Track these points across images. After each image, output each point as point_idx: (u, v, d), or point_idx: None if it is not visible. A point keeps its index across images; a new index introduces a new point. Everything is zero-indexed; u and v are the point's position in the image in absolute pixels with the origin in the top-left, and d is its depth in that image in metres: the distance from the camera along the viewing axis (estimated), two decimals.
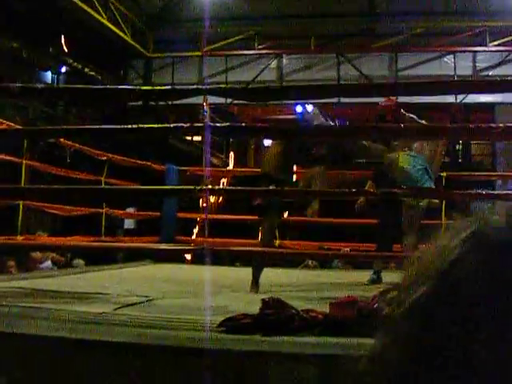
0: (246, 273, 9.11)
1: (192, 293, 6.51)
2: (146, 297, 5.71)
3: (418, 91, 5.90)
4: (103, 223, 10.96)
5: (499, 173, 16.12)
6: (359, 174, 11.36)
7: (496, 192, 4.65)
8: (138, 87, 8.75)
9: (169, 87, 4.69)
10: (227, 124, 4.46)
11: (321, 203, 8.10)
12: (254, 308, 4.29)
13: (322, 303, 5.55)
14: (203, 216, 17.04)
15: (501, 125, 4.37)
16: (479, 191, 5.06)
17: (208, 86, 4.63)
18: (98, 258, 11.56)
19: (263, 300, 3.94)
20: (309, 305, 4.54)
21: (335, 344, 3.60)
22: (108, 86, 6.15)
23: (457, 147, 24.22)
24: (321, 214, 7.82)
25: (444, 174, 11.04)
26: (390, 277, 8.48)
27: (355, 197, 8.04)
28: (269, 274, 9.37)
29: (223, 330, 3.77)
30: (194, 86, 5.13)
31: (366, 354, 0.91)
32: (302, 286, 7.86)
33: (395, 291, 2.96)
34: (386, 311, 2.90)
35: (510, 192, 5.01)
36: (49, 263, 11.26)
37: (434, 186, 7.23)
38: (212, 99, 16.78)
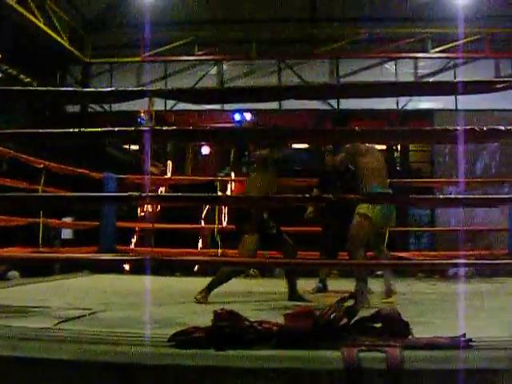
0: (186, 283, 8.91)
1: (135, 304, 6.28)
2: (88, 310, 5.45)
3: (358, 94, 5.72)
4: (40, 233, 10.61)
5: (439, 179, 16.20)
6: (303, 182, 11.23)
7: (453, 196, 4.51)
8: (78, 89, 8.45)
9: (111, 89, 4.45)
10: (172, 128, 4.22)
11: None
12: (203, 320, 4.08)
13: (274, 314, 5.39)
14: (141, 225, 16.88)
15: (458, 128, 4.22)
16: (434, 196, 4.93)
17: (152, 89, 4.39)
18: (34, 270, 11.19)
19: (215, 312, 3.72)
20: (261, 316, 4.32)
21: (292, 357, 3.42)
22: (49, 88, 5.80)
23: (395, 155, 24.38)
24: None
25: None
26: (335, 284, 8.39)
27: (305, 203, 7.94)
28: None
29: (174, 344, 3.54)
30: (139, 88, 4.88)
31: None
32: (249, 295, 7.66)
33: (351, 300, 2.74)
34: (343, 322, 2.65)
35: (463, 196, 4.87)
36: None
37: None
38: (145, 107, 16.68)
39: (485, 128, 4.17)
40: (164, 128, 4.28)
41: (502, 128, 4.19)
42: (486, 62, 15.75)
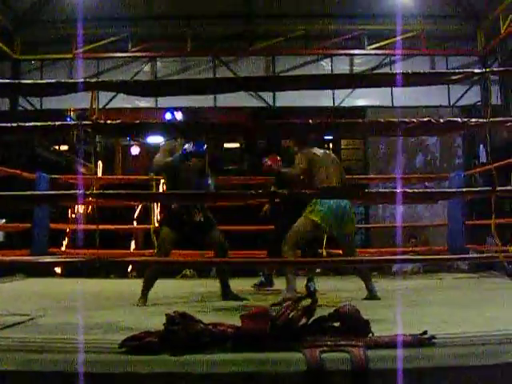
0: (123, 285, 8.67)
1: (75, 308, 6.03)
2: (26, 315, 5.17)
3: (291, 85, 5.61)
4: None
5: (375, 176, 16.29)
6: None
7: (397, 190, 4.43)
8: (19, 81, 8.11)
9: (53, 80, 4.20)
10: (118, 121, 4.00)
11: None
12: (149, 323, 3.92)
13: (222, 315, 5.23)
14: (71, 226, 16.55)
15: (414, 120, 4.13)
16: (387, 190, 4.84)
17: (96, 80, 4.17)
18: None
19: (168, 315, 3.54)
20: (209, 318, 4.15)
21: (250, 360, 3.28)
22: None
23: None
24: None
25: None
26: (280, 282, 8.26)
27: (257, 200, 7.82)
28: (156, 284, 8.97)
29: (125, 350, 3.33)
30: (81, 80, 4.64)
31: None
32: (191, 296, 7.45)
33: (308, 300, 2.55)
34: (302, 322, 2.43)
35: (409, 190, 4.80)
36: None
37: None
38: (77, 105, 16.35)
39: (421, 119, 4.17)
40: (107, 122, 4.08)
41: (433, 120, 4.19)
42: (421, 58, 15.88)
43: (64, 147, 22.32)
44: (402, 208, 15.65)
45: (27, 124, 4.12)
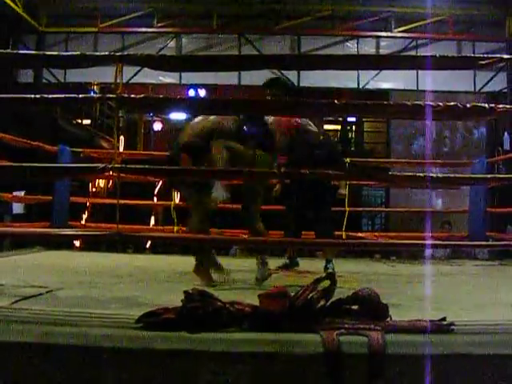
0: (141, 260, 8.68)
1: (94, 282, 6.05)
2: (45, 288, 5.19)
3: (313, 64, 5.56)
4: None
5: (399, 160, 16.24)
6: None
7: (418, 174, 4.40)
8: (42, 52, 8.09)
9: (79, 53, 4.19)
10: (142, 96, 3.98)
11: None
12: (167, 299, 3.90)
13: (242, 293, 5.22)
14: (92, 200, 16.64)
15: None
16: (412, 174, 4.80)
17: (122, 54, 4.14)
18: None
19: (186, 292, 3.52)
20: (228, 296, 4.13)
21: (267, 340, 3.27)
22: (11, 51, 5.59)
23: (350, 135, 24.40)
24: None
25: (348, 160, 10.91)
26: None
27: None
28: (170, 261, 8.99)
29: (142, 326, 3.32)
30: (107, 53, 4.60)
31: None
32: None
33: (327, 281, 2.49)
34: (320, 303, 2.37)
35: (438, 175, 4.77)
36: None
37: None
38: (101, 79, 16.34)
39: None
40: (132, 96, 4.07)
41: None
42: (447, 43, 15.65)
43: (86, 121, 22.40)
44: (422, 193, 15.61)
45: (51, 96, 4.11)
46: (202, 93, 19.45)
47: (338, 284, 3.86)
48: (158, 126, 23.69)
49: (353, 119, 23.49)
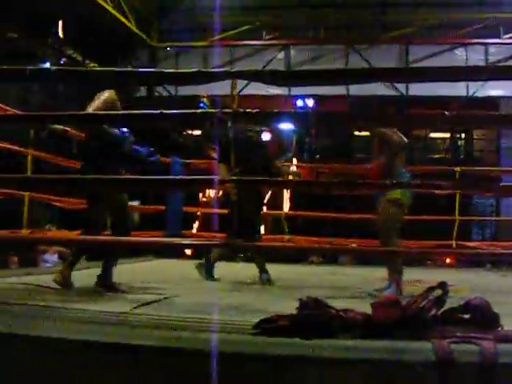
0: (248, 268, 8.82)
1: (207, 290, 6.24)
2: (162, 294, 5.41)
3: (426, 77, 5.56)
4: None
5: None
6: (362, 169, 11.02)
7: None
8: (161, 70, 8.34)
9: (195, 69, 4.36)
10: (256, 111, 4.10)
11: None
12: (279, 305, 3.99)
13: (353, 302, 5.28)
14: (203, 210, 16.93)
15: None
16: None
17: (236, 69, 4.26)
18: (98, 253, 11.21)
19: (301, 300, 3.62)
20: (342, 303, 4.21)
21: (380, 348, 3.30)
22: (130, 69, 5.84)
23: (459, 143, 24.02)
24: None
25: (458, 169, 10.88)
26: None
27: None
28: (282, 270, 9.12)
29: (259, 332, 3.44)
30: (222, 69, 4.77)
31: None
32: (321, 282, 7.55)
33: (439, 290, 2.55)
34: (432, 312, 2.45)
35: None
36: (55, 257, 10.95)
37: None
38: (210, 91, 16.65)
39: None
40: (247, 110, 4.22)
41: None
42: None
43: (197, 132, 22.81)
44: None
45: (171, 111, 4.31)
46: (310, 103, 19.57)
47: (449, 293, 3.88)
48: (266, 136, 23.85)
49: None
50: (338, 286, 7.08)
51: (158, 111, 4.12)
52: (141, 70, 5.51)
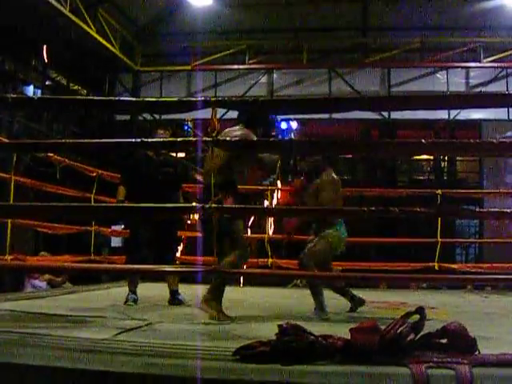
0: (233, 292, 8.82)
1: (191, 315, 6.24)
2: (144, 320, 5.42)
3: (408, 106, 5.63)
4: (92, 242, 10.70)
5: (489, 191, 16.02)
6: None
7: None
8: (142, 99, 8.42)
9: (176, 99, 4.39)
10: (237, 139, 4.17)
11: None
12: (260, 332, 4.01)
13: (331, 327, 5.31)
14: (187, 234, 16.86)
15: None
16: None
17: (216, 98, 4.28)
18: (83, 277, 11.23)
19: (280, 326, 3.65)
20: (321, 329, 4.25)
21: (358, 373, 3.34)
22: (111, 98, 5.91)
23: (442, 164, 24.18)
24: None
25: (439, 191, 10.97)
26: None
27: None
28: (263, 294, 9.14)
29: (239, 358, 3.48)
30: (202, 98, 4.79)
31: None
32: (301, 306, 7.57)
33: (416, 315, 2.63)
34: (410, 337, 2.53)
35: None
36: (43, 284, 10.98)
37: None
38: (194, 115, 16.65)
39: None
40: (227, 139, 4.28)
41: None
42: None
43: (181, 154, 22.84)
44: None
45: (151, 140, 4.37)
46: (294, 125, 19.68)
47: (429, 316, 3.92)
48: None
49: None
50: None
51: (139, 140, 4.17)
52: (122, 99, 5.56)
